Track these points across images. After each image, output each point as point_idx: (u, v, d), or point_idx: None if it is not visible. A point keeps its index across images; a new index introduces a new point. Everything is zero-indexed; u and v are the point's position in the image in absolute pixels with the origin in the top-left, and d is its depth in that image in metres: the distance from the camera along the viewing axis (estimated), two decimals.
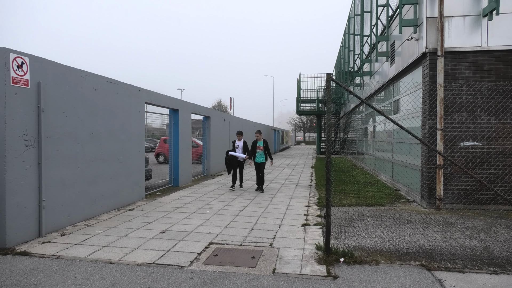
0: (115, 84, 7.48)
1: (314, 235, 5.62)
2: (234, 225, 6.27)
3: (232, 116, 19.26)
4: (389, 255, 4.67)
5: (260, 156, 10.16)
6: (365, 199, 8.47)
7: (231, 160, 10.24)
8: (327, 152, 4.68)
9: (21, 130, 5.11)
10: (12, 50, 4.95)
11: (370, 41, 14.49)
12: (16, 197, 5.03)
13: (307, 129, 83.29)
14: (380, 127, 13.52)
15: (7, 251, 4.77)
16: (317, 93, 31.02)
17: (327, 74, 4.73)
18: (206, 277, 4.00)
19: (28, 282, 3.84)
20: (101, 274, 4.06)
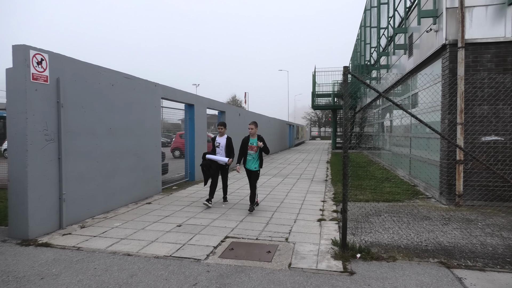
0: (132, 79, 7.57)
1: (330, 231, 5.59)
2: (249, 219, 6.28)
3: (247, 111, 19.27)
4: (407, 252, 4.59)
5: (253, 160, 6.98)
6: (382, 195, 8.36)
7: (207, 166, 7.31)
8: (344, 147, 4.62)
9: (42, 125, 5.23)
10: (32, 47, 5.06)
11: (387, 34, 14.21)
12: (38, 191, 5.17)
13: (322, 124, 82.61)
14: (397, 122, 13.28)
15: (30, 242, 4.91)
16: (332, 87, 30.67)
17: (344, 67, 4.65)
18: (222, 271, 4.03)
19: (49, 272, 3.95)
20: (120, 266, 4.14)
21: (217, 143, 7.48)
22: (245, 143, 7.02)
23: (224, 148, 7.42)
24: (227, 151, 7.41)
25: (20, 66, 4.94)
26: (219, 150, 7.44)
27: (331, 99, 30.38)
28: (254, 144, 6.93)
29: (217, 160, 7.33)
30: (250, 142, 6.99)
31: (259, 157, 7.04)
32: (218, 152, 7.42)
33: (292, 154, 24.25)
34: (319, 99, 31.16)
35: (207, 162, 7.33)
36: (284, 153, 25.36)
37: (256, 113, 20.73)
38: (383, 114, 16.60)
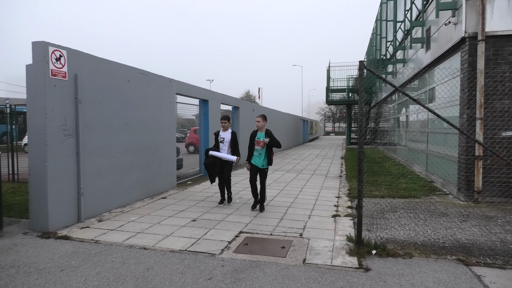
0: (147, 75, 7.64)
1: (344, 227, 5.55)
2: (263, 214, 6.29)
3: (260, 106, 19.25)
4: (424, 249, 4.53)
5: (259, 156, 6.48)
6: (397, 191, 8.25)
7: (212, 164, 6.72)
8: (359, 142, 4.57)
9: (61, 121, 5.34)
10: (51, 43, 5.15)
11: (403, 27, 13.93)
12: (57, 185, 5.29)
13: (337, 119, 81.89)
14: (413, 117, 13.05)
15: (50, 235, 5.04)
16: (347, 82, 30.34)
17: (360, 61, 4.59)
18: (237, 265, 4.05)
19: (69, 264, 4.04)
20: (136, 259, 4.21)
21: (221, 138, 6.90)
22: (253, 137, 6.54)
23: (228, 143, 6.87)
24: (232, 147, 6.92)
25: (39, 62, 5.04)
26: (222, 146, 6.88)
27: (345, 94, 30.07)
28: (261, 139, 6.38)
29: (223, 157, 6.74)
30: (257, 136, 6.49)
31: (266, 154, 6.45)
32: (222, 148, 6.86)
33: (306, 150, 24.14)
34: (334, 94, 30.88)
35: (211, 160, 6.69)
36: (298, 149, 25.27)
37: (270, 109, 20.68)
38: (399, 109, 16.34)
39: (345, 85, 30.15)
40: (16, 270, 3.89)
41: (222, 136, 6.91)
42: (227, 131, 6.94)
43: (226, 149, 6.85)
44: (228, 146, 6.89)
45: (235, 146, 6.94)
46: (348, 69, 31.59)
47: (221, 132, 6.98)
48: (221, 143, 6.89)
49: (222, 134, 6.94)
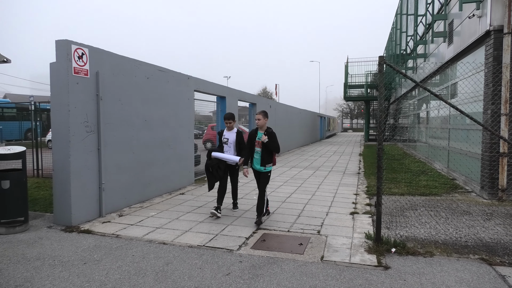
0: (166, 72, 7.72)
1: (363, 224, 5.49)
2: (280, 211, 6.29)
3: (277, 103, 19.18)
4: (445, 247, 4.43)
5: (257, 160, 5.65)
6: (417, 188, 8.09)
7: (216, 166, 5.92)
8: (379, 139, 4.50)
9: (83, 117, 5.47)
10: (73, 41, 5.27)
11: (425, 21, 13.60)
12: (79, 180, 5.43)
13: (355, 116, 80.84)
14: (434, 113, 12.75)
15: (73, 229, 5.18)
16: (365, 78, 29.83)
17: (380, 57, 4.50)
18: (255, 261, 4.07)
19: (91, 258, 4.15)
20: (156, 254, 4.28)
21: (224, 138, 6.13)
22: (252, 137, 5.70)
23: (233, 144, 6.07)
24: (237, 149, 6.08)
25: (62, 60, 5.17)
26: (227, 148, 6.10)
27: (364, 90, 29.60)
28: (260, 138, 5.57)
29: (226, 159, 5.97)
30: (258, 136, 5.64)
31: (262, 155, 5.56)
32: (226, 150, 6.10)
33: (324, 146, 23.95)
34: (352, 90, 30.45)
35: (215, 162, 5.92)
36: (315, 145, 25.10)
37: (287, 105, 20.59)
38: (419, 105, 15.99)
39: (364, 81, 29.68)
40: (41, 262, 4.02)
41: (226, 136, 6.14)
42: (232, 131, 6.15)
43: (230, 152, 6.09)
44: (234, 148, 6.08)
45: (241, 147, 6.07)
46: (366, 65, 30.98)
47: (225, 131, 6.20)
48: (225, 144, 6.12)
49: (226, 134, 6.15)
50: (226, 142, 6.12)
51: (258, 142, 5.62)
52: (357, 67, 30.45)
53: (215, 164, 5.93)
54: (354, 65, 30.20)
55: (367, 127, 31.48)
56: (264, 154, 5.56)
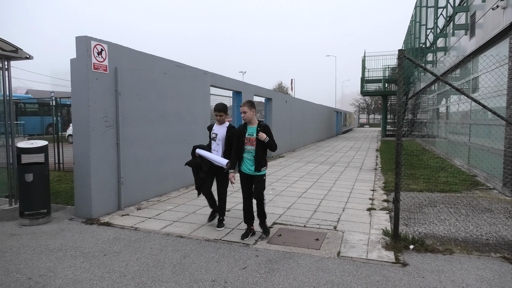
0: (183, 67, 7.78)
1: (380, 220, 5.43)
2: (296, 206, 6.28)
3: (293, 98, 19.08)
4: (465, 245, 4.34)
5: (250, 160, 4.61)
6: (436, 185, 7.94)
7: (197, 166, 5.03)
8: (397, 134, 4.43)
9: (102, 112, 5.57)
10: (93, 38, 5.36)
11: (445, 13, 13.25)
12: (99, 174, 5.54)
13: (371, 111, 79.70)
14: (454, 108, 12.45)
15: (93, 221, 5.31)
16: (383, 72, 29.35)
17: (399, 50, 4.42)
18: (271, 256, 4.08)
19: (111, 250, 4.25)
20: (173, 247, 4.35)
21: (213, 133, 5.13)
22: (241, 134, 4.65)
23: (222, 141, 5.04)
24: (227, 146, 5.03)
25: (82, 56, 5.27)
26: (214, 145, 5.10)
27: (381, 85, 29.14)
28: (254, 135, 4.56)
29: (212, 159, 4.93)
30: (248, 132, 4.62)
31: (257, 155, 4.54)
32: (214, 148, 5.09)
33: (340, 142, 23.73)
34: (369, 85, 30.01)
35: (196, 161, 5.00)
36: (331, 141, 24.90)
37: (303, 100, 20.46)
38: (439, 100, 15.63)
39: (381, 75, 29.20)
40: (63, 253, 4.14)
41: (215, 131, 5.12)
42: (223, 125, 5.11)
43: (219, 149, 5.07)
44: (222, 146, 5.06)
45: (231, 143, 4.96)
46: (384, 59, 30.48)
47: (215, 126, 5.18)
48: (213, 140, 5.11)
49: (216, 128, 5.13)
50: (214, 138, 5.10)
51: (250, 140, 4.58)
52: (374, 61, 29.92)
53: (197, 163, 4.97)
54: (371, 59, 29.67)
55: (384, 122, 31.02)
56: (260, 154, 4.54)
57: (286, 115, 16.34)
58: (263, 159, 4.60)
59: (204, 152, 4.99)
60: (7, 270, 3.69)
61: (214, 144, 5.11)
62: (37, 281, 3.46)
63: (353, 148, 18.60)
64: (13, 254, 4.09)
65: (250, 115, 4.59)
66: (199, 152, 5.01)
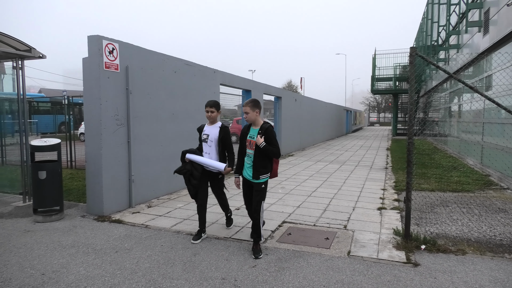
0: (192, 66, 7.81)
1: (391, 220, 5.38)
2: (306, 205, 6.26)
3: (303, 96, 19.01)
4: (478, 246, 4.28)
5: (250, 166, 4.20)
6: (448, 184, 7.83)
7: (188, 173, 4.49)
8: (409, 133, 4.37)
9: (113, 111, 5.63)
10: (104, 37, 5.41)
11: (458, 10, 13.05)
12: (110, 171, 5.60)
13: (382, 109, 78.95)
14: (467, 106, 12.25)
15: (104, 218, 5.37)
16: (394, 70, 29.05)
17: (411, 48, 4.36)
18: (281, 255, 4.08)
19: (122, 247, 4.30)
20: (184, 245, 4.37)
21: (204, 134, 4.60)
22: (243, 135, 4.32)
23: (215, 143, 4.52)
24: (220, 150, 4.53)
25: (94, 55, 5.33)
26: (206, 147, 4.57)
27: (392, 83, 28.84)
28: (255, 138, 4.11)
29: (205, 164, 4.45)
30: (250, 134, 4.22)
31: (255, 161, 4.10)
32: (206, 151, 4.57)
33: (350, 140, 23.57)
34: (379, 83, 29.76)
35: (187, 168, 4.45)
36: (341, 139, 24.75)
37: (313, 99, 20.37)
38: (451, 98, 15.40)
39: (392, 73, 28.90)
40: (76, 250, 4.20)
41: (206, 132, 4.59)
42: (215, 125, 4.57)
43: (211, 153, 4.53)
44: (216, 148, 4.53)
45: (226, 147, 4.57)
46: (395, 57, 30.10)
47: (206, 126, 4.66)
48: (204, 142, 4.59)
49: (207, 129, 4.60)
50: (205, 140, 4.57)
51: (250, 142, 4.17)
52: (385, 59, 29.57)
53: (188, 170, 4.45)
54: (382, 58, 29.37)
55: (395, 121, 30.72)
56: (257, 159, 4.08)
57: (296, 114, 16.29)
58: (262, 165, 4.10)
59: (195, 157, 4.48)
60: (22, 265, 3.76)
61: (206, 146, 4.58)
62: (51, 277, 3.52)
63: (363, 147, 18.46)
64: (27, 250, 4.17)
65: (252, 116, 4.17)
66: (190, 158, 4.48)
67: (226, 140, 4.54)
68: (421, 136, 24.47)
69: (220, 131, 4.53)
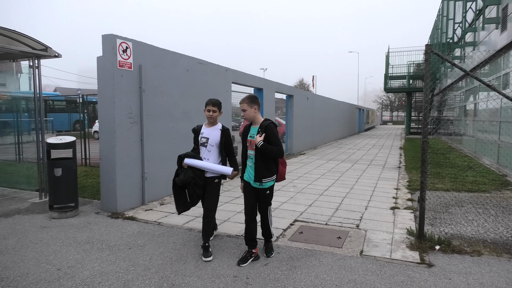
0: (205, 64, 7.84)
1: (404, 219, 5.31)
2: (318, 204, 6.23)
3: (315, 95, 18.91)
4: (495, 247, 4.19)
5: (251, 168, 3.83)
6: (464, 184, 7.69)
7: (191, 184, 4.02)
8: (424, 131, 4.31)
9: (127, 109, 5.69)
10: (118, 36, 5.47)
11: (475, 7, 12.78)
12: (124, 169, 5.67)
13: (395, 108, 77.98)
14: (483, 105, 12.00)
15: (118, 215, 5.45)
16: (407, 68, 28.64)
17: (426, 45, 4.29)
18: (292, 253, 4.07)
19: (136, 243, 4.35)
20: (196, 242, 4.40)
21: (202, 138, 4.08)
22: (244, 135, 3.95)
23: (216, 147, 4.06)
24: (224, 155, 4.11)
25: (108, 54, 5.40)
26: (205, 152, 4.07)
27: (405, 81, 28.45)
28: (253, 137, 3.78)
29: (211, 170, 4.01)
30: (250, 133, 3.86)
31: (256, 163, 3.71)
32: (205, 157, 4.05)
33: (362, 139, 23.36)
34: (393, 81, 29.38)
35: (190, 176, 3.94)
36: (353, 138, 24.54)
37: (325, 97, 20.25)
38: (467, 97, 15.11)
39: (406, 71, 28.50)
40: (90, 246, 4.27)
41: (205, 134, 4.08)
42: (215, 127, 4.10)
43: (212, 158, 4.07)
44: (217, 153, 4.07)
45: (228, 152, 4.14)
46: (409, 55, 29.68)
47: (204, 127, 4.15)
48: (203, 146, 4.07)
49: (206, 131, 4.10)
50: (204, 144, 4.05)
51: (250, 142, 3.80)
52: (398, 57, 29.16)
53: (191, 178, 3.94)
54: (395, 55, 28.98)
55: (408, 119, 30.29)
56: (259, 161, 3.69)
57: (308, 112, 16.22)
58: (265, 168, 3.69)
59: (196, 162, 3.96)
60: (38, 261, 3.84)
61: (205, 151, 4.05)
62: (66, 272, 3.58)
63: (376, 146, 18.27)
64: (43, 246, 4.25)
65: (251, 113, 3.78)
66: (189, 163, 3.94)
67: (229, 144, 4.10)
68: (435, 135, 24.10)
69: (221, 134, 4.06)
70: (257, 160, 3.71)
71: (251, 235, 3.89)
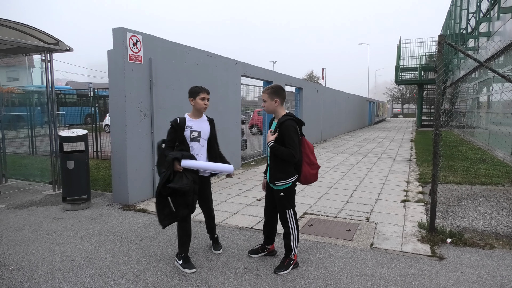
0: (214, 57, 7.83)
1: (415, 212, 5.28)
2: (328, 197, 6.22)
3: (324, 87, 18.76)
4: (508, 240, 4.14)
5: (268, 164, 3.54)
6: (476, 177, 7.59)
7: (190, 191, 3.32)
8: (436, 124, 4.25)
9: (137, 103, 5.73)
10: (128, 29, 5.49)
11: None
12: (135, 162, 5.73)
13: (406, 100, 77.00)
14: (497, 96, 11.77)
15: (129, 207, 5.52)
16: (419, 60, 28.19)
17: (439, 36, 4.21)
18: (302, 245, 4.08)
19: (147, 235, 4.41)
20: (206, 234, 4.42)
21: (194, 132, 3.54)
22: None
23: (207, 142, 3.63)
24: (218, 149, 3.76)
25: (119, 47, 5.42)
26: (198, 148, 3.55)
27: (417, 73, 28.02)
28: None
29: (210, 170, 3.60)
30: (271, 128, 3.55)
31: (270, 161, 3.46)
32: (199, 153, 3.55)
33: (372, 132, 23.16)
34: (404, 73, 28.96)
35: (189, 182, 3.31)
36: (364, 131, 24.34)
37: (335, 90, 20.08)
38: (480, 89, 14.82)
39: (417, 63, 28.05)
40: (103, 237, 4.34)
41: (195, 127, 3.55)
42: (202, 118, 3.67)
43: (204, 155, 3.61)
44: (206, 148, 3.63)
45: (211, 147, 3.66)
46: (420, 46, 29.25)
47: (189, 118, 3.59)
48: (195, 141, 3.54)
49: (195, 123, 3.58)
50: (197, 138, 3.54)
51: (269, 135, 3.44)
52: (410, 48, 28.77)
53: (190, 185, 3.32)
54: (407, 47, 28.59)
55: (420, 112, 29.90)
56: (272, 161, 3.41)
57: (317, 105, 16.12)
58: (277, 168, 3.36)
59: (195, 163, 3.40)
60: (53, 251, 3.92)
61: (197, 146, 3.54)
62: (80, 262, 3.66)
63: (386, 139, 18.10)
64: (57, 237, 4.34)
65: (271, 106, 3.46)
66: (187, 165, 3.34)
67: (215, 135, 3.70)
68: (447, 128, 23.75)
69: (211, 126, 3.67)
70: (270, 160, 3.45)
71: (266, 233, 3.77)
